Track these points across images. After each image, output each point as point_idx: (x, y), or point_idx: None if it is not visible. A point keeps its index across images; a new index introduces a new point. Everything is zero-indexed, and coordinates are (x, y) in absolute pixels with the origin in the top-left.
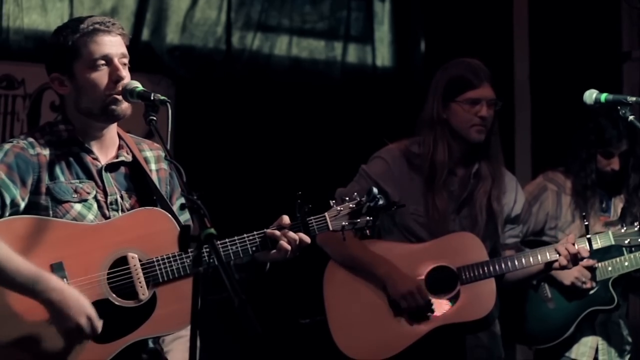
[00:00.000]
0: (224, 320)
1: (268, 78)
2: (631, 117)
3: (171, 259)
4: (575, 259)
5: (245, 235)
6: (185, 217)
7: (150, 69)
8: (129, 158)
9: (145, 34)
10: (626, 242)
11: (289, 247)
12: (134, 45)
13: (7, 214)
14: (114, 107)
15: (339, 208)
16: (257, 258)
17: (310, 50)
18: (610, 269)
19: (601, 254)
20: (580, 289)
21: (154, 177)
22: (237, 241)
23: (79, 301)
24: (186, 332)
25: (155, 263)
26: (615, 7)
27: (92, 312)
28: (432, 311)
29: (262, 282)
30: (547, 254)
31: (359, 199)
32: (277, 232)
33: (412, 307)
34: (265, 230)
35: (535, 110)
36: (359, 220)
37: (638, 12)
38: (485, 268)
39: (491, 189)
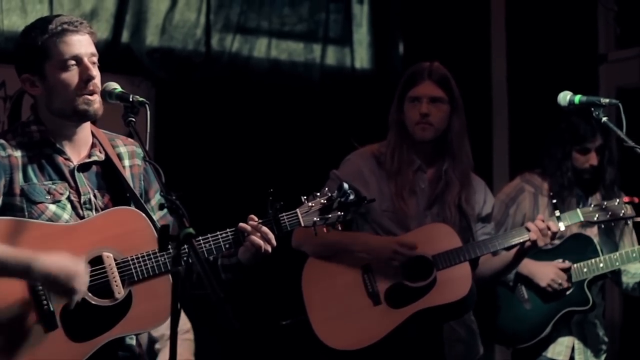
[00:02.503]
0: (209, 325)
1: (247, 80)
2: (604, 119)
3: (146, 258)
4: (545, 233)
5: (218, 233)
6: (162, 213)
7: (130, 71)
8: (102, 157)
9: (125, 36)
10: (595, 218)
11: (260, 242)
12: (114, 47)
13: None
14: (85, 107)
15: (310, 204)
16: (242, 261)
17: (289, 52)
18: (585, 270)
19: (576, 255)
20: (557, 290)
21: (127, 173)
22: (210, 239)
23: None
24: (182, 326)
25: (130, 262)
26: (592, 9)
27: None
28: (408, 295)
29: (245, 283)
30: (519, 233)
31: (330, 195)
32: (249, 227)
33: (399, 259)
34: (237, 225)
35: (512, 111)
36: (330, 215)
37: (614, 14)
38: (460, 253)
39: (459, 192)
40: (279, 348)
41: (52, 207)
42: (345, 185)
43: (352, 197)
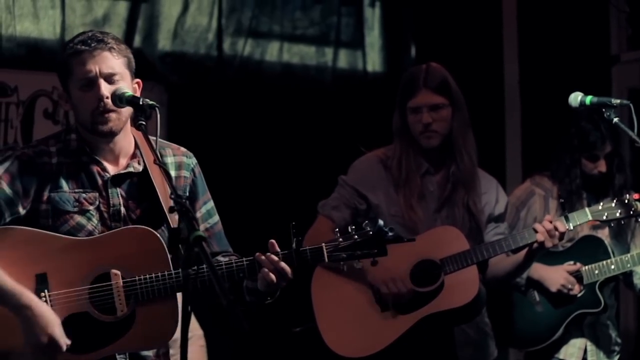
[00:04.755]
0: (221, 334)
1: (260, 84)
2: (616, 119)
3: (154, 280)
4: (553, 234)
5: (233, 261)
6: (207, 225)
7: (143, 75)
8: (139, 168)
9: (137, 41)
10: (604, 216)
11: (273, 278)
12: None
13: (6, 221)
14: (100, 127)
15: (340, 239)
16: (259, 287)
17: (301, 55)
18: (597, 272)
19: (588, 257)
20: (567, 295)
21: None
22: (224, 267)
23: (46, 319)
24: (195, 332)
25: (137, 282)
26: (604, 11)
27: (56, 330)
28: (415, 299)
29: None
30: (526, 235)
31: (366, 230)
32: (264, 260)
33: (393, 292)
34: (255, 255)
35: (525, 113)
36: (361, 252)
37: (626, 16)
38: (468, 256)
39: (466, 194)
40: (290, 355)
41: (77, 217)
42: (381, 222)
43: (390, 234)
